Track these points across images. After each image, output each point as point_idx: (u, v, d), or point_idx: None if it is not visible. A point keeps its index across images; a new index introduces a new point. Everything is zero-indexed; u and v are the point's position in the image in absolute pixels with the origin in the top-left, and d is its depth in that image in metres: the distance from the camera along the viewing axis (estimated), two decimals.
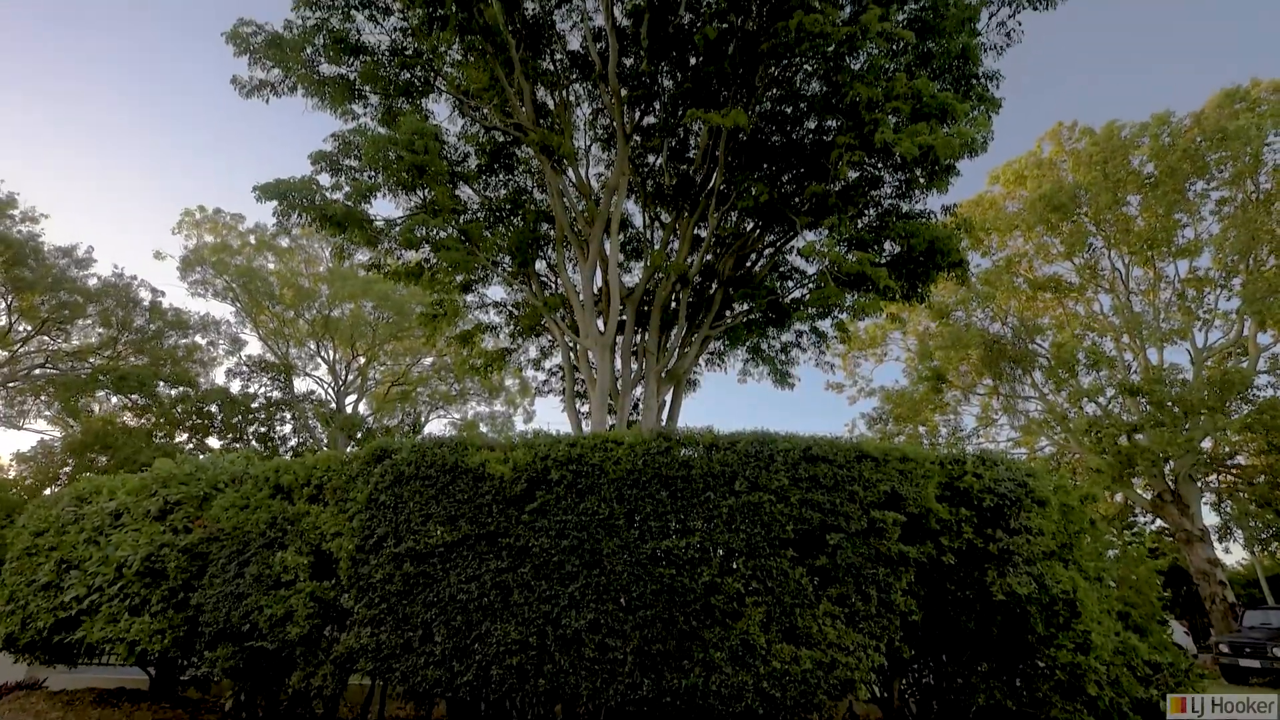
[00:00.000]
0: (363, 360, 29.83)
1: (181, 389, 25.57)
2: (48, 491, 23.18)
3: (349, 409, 29.27)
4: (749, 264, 13.58)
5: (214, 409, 25.65)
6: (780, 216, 11.67)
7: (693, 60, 11.19)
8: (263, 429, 26.98)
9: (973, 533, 5.30)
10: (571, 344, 12.86)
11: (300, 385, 29.23)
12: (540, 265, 13.81)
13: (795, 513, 5.09)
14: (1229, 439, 20.00)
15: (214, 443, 26.42)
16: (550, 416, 76.82)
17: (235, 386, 27.11)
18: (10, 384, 24.20)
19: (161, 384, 25.20)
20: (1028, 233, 22.69)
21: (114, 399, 25.42)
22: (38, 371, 24.75)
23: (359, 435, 27.56)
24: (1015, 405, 22.76)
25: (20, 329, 23.89)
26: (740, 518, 5.07)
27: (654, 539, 5.06)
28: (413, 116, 10.82)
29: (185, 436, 26.00)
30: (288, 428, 27.62)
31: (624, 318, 12.34)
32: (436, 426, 32.72)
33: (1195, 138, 19.46)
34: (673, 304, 13.12)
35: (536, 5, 11.44)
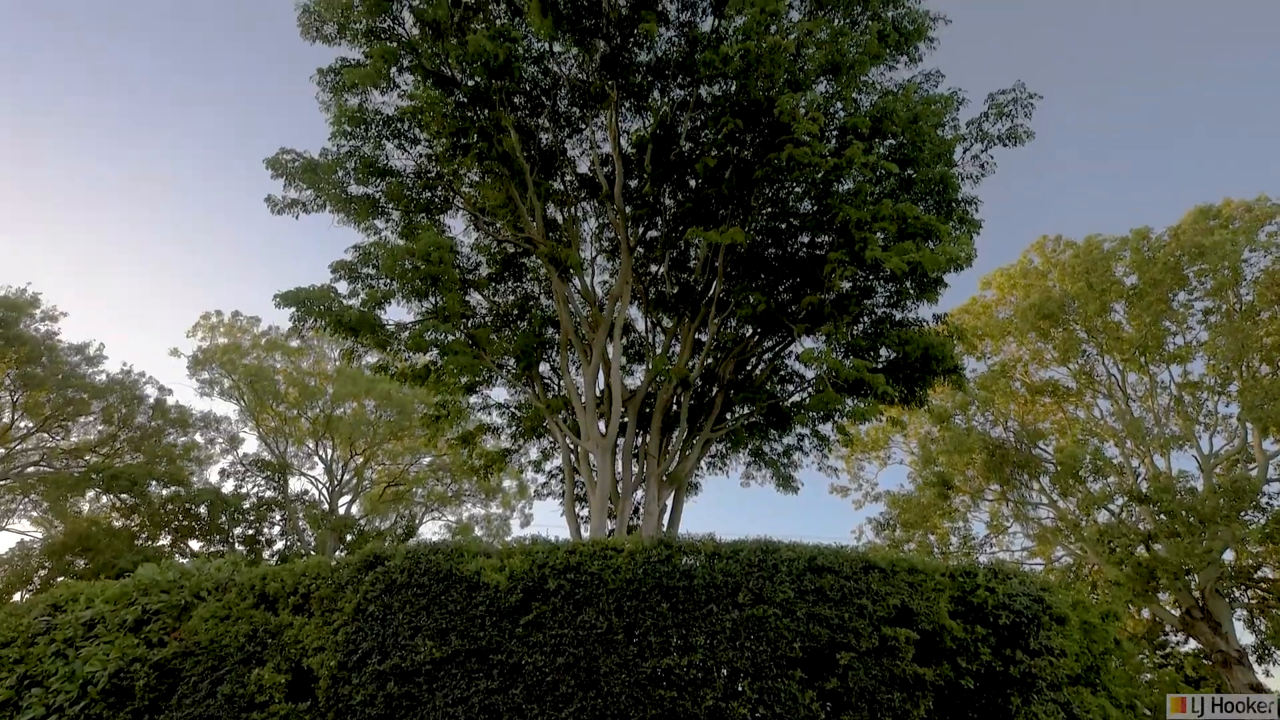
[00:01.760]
0: (360, 460, 29.50)
1: (173, 488, 25.08)
2: (17, 597, 22.07)
3: (342, 510, 28.53)
4: (749, 368, 13.86)
5: (202, 510, 25.02)
6: (778, 324, 12.09)
7: (692, 182, 12.14)
8: (250, 530, 26.18)
9: (991, 653, 5.02)
10: (573, 446, 12.84)
11: (295, 485, 28.70)
12: (544, 368, 14.12)
13: (802, 628, 4.87)
14: (1249, 551, 19.23)
15: (196, 545, 25.51)
16: (548, 519, 74.43)
17: (229, 486, 26.66)
18: (1, 482, 23.79)
19: (153, 483, 24.75)
20: (1021, 339, 23.20)
21: (104, 498, 24.87)
22: (31, 469, 24.40)
23: (349, 538, 26.67)
24: (1026, 512, 22.13)
25: (21, 425, 23.86)
26: (745, 633, 4.84)
27: (654, 656, 4.81)
28: (431, 231, 11.59)
29: (168, 539, 25.15)
30: (276, 529, 26.82)
31: (625, 420, 12.42)
32: (431, 529, 31.76)
33: (1175, 252, 20.46)
34: (674, 407, 13.24)
35: (550, 135, 12.62)
